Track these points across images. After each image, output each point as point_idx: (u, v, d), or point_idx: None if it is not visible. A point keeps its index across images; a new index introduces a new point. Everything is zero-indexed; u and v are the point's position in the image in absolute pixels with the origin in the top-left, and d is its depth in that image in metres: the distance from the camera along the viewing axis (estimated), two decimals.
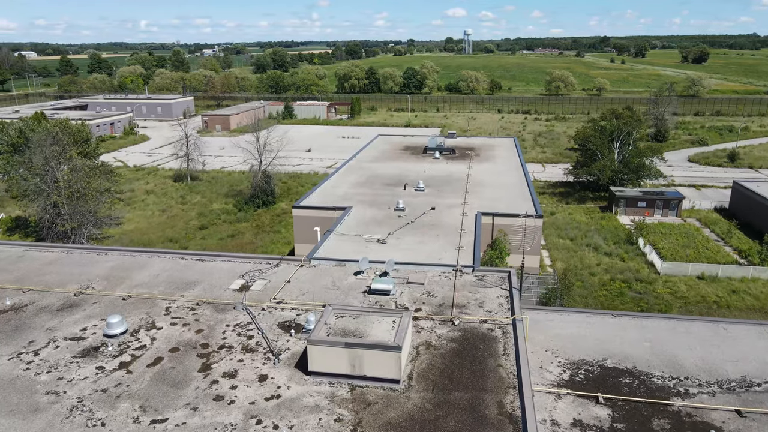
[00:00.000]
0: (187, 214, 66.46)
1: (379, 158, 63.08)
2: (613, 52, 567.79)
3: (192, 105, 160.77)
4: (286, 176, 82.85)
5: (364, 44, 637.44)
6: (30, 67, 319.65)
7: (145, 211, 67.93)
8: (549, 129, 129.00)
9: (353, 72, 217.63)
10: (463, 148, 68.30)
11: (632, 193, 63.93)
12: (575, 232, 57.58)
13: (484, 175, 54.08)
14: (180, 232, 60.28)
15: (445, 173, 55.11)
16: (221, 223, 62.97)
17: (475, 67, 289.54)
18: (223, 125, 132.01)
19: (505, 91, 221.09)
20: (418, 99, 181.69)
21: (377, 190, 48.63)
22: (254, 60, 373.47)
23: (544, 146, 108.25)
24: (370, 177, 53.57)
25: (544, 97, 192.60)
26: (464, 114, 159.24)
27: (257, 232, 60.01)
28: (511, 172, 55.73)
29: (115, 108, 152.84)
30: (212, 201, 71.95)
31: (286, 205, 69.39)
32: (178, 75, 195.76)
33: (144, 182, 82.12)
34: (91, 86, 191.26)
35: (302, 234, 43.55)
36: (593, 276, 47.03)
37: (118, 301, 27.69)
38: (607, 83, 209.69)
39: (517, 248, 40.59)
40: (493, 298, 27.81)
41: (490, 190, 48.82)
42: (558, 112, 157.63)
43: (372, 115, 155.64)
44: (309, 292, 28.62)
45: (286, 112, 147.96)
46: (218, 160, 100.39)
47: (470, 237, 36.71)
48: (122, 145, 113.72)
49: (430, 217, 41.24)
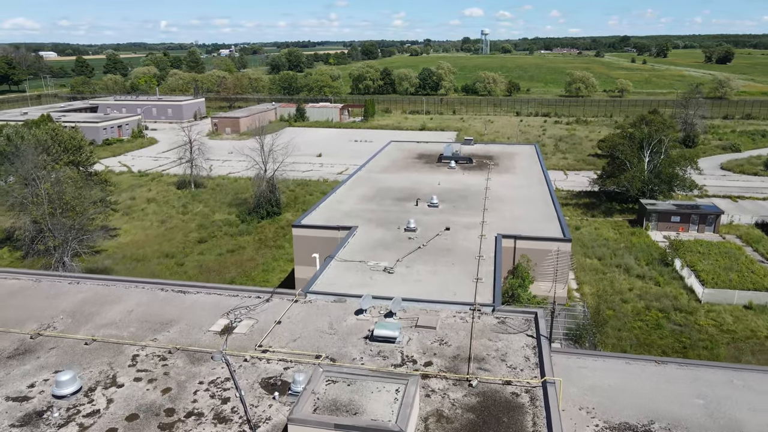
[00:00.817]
0: (187, 226, 62.86)
1: (390, 168, 58.87)
2: (633, 52, 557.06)
3: (203, 107, 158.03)
4: (294, 183, 79.06)
5: (381, 44, 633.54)
6: (47, 68, 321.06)
7: (144, 221, 64.48)
8: (570, 133, 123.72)
9: (368, 73, 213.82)
10: (480, 157, 63.83)
11: (665, 206, 58.95)
12: (603, 250, 52.82)
13: (504, 189, 49.59)
14: (178, 245, 56.65)
15: (461, 186, 50.72)
16: (222, 236, 59.24)
17: (492, 68, 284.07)
18: (233, 128, 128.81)
19: (524, 93, 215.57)
20: (434, 101, 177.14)
21: (386, 206, 44.43)
22: (269, 60, 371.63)
23: (565, 152, 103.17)
24: (379, 190, 49.39)
25: (564, 99, 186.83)
26: (481, 117, 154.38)
27: (259, 247, 56.15)
28: (533, 185, 51.16)
29: (125, 110, 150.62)
30: (215, 211, 68.32)
31: (291, 216, 65.49)
32: (190, 76, 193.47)
33: (146, 189, 78.83)
34: (104, 87, 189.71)
35: (303, 255, 39.54)
36: (626, 303, 42.33)
37: (79, 347, 23.84)
38: (629, 84, 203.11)
39: (541, 275, 36.16)
40: (518, 349, 23.46)
41: (511, 206, 44.34)
42: (579, 114, 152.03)
43: (386, 117, 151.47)
44: (301, 336, 24.54)
45: (298, 115, 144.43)
46: (225, 165, 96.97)
47: (489, 265, 32.34)
48: (129, 149, 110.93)
49: (444, 239, 36.95)
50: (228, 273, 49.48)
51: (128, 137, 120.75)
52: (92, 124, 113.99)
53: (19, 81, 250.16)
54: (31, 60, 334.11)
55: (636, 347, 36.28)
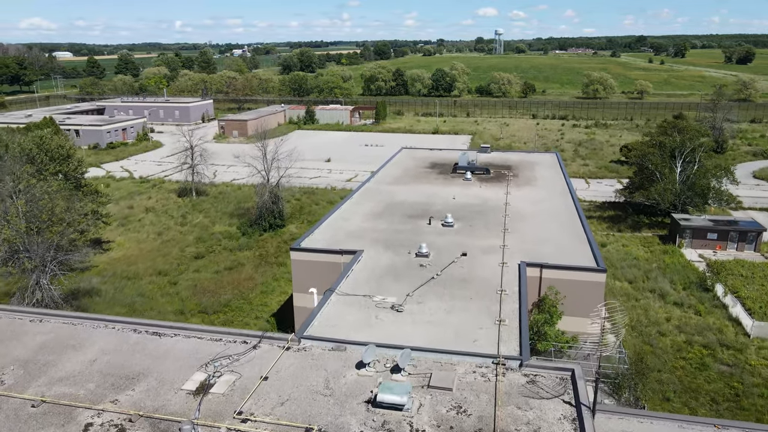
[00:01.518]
0: (184, 239, 59.12)
1: (401, 179, 54.68)
2: (649, 52, 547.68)
3: (211, 108, 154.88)
4: (300, 191, 75.15)
5: (393, 44, 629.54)
6: (60, 68, 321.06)
7: (140, 233, 60.87)
8: (590, 137, 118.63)
9: (380, 73, 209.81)
10: (498, 167, 59.41)
11: (700, 222, 54.13)
12: (634, 271, 48.20)
13: (525, 204, 45.19)
14: (173, 261, 52.89)
15: (479, 201, 46.39)
16: (220, 251, 55.39)
17: (506, 68, 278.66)
18: (240, 131, 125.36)
19: (539, 94, 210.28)
20: (447, 103, 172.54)
21: (396, 225, 40.25)
22: (281, 61, 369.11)
23: (585, 158, 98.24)
24: (389, 205, 45.23)
25: (582, 101, 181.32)
26: (496, 119, 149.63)
27: (259, 264, 52.21)
28: (556, 199, 46.69)
29: (132, 112, 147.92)
30: (215, 222, 64.56)
31: (296, 229, 61.56)
32: (199, 76, 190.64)
33: (146, 197, 75.34)
34: (113, 88, 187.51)
35: (303, 282, 35.52)
36: (664, 337, 37.78)
37: (25, 411, 19.94)
38: (649, 86, 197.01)
39: (571, 310, 31.79)
40: (553, 422, 19.16)
41: (534, 225, 39.95)
42: (598, 117, 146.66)
43: (398, 120, 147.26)
44: (291, 399, 20.43)
45: (308, 117, 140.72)
46: (231, 170, 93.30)
47: (513, 302, 28.06)
48: (133, 153, 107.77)
49: (461, 267, 32.70)
50: (224, 294, 45.59)
51: (133, 140, 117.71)
52: (96, 127, 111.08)
53: (30, 82, 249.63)
54: (43, 60, 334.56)
55: (680, 393, 31.76)
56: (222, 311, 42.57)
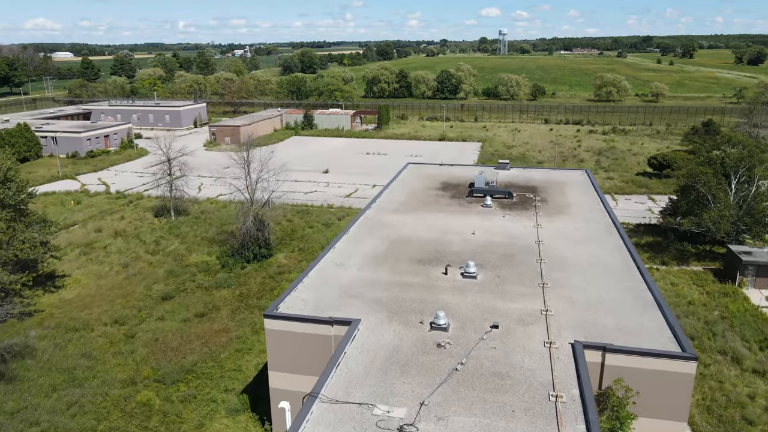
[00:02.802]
0: (154, 272, 50.55)
1: (408, 205, 46.01)
2: (656, 53, 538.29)
3: (204, 112, 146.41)
4: (292, 211, 66.63)
5: (396, 44, 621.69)
6: (55, 69, 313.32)
7: (103, 265, 52.30)
8: (609, 145, 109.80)
9: (383, 75, 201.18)
10: (521, 188, 50.70)
11: (766, 257, 45.39)
12: (692, 322, 39.46)
13: (563, 243, 36.49)
14: (135, 304, 44.33)
15: (505, 238, 37.70)
16: (194, 290, 46.79)
17: (511, 69, 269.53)
18: (233, 137, 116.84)
19: (549, 97, 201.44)
20: (454, 106, 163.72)
21: (403, 275, 31.61)
22: (281, 61, 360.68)
23: (609, 170, 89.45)
24: (394, 244, 36.59)
25: (594, 105, 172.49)
26: (506, 124, 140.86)
27: (238, 307, 43.58)
28: (601, 235, 37.98)
29: (120, 116, 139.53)
30: (192, 249, 56.01)
31: (285, 259, 53.00)
32: (192, 78, 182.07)
33: (118, 217, 66.84)
34: (103, 90, 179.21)
35: (281, 358, 26.96)
36: (753, 428, 29.05)
37: None
38: (664, 88, 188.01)
39: (646, 409, 23.15)
40: None
41: (580, 277, 31.24)
42: (614, 122, 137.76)
43: (402, 125, 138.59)
44: None
45: (306, 122, 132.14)
46: (218, 183, 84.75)
47: (575, 420, 19.42)
48: (114, 162, 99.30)
49: (493, 349, 24.09)
50: (190, 353, 36.98)
51: (116, 148, 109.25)
52: (74, 134, 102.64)
53: (21, 83, 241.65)
54: (38, 61, 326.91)
55: None
56: (184, 380, 33.94)
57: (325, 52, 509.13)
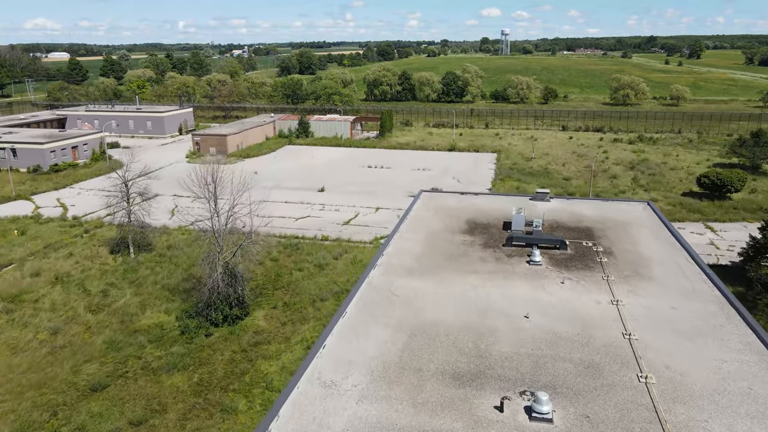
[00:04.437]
0: (90, 343, 38.79)
1: (427, 260, 34.10)
2: (660, 53, 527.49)
3: (191, 118, 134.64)
4: (279, 245, 54.85)
5: (397, 45, 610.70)
6: (43, 70, 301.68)
7: (26, 330, 40.54)
8: (640, 157, 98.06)
9: (384, 77, 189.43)
10: (572, 231, 38.76)
11: None
12: None
13: (664, 337, 24.47)
14: (52, 399, 32.59)
15: (574, 326, 25.74)
16: (138, 372, 35.05)
17: (516, 70, 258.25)
18: (219, 148, 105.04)
19: (561, 100, 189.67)
20: (463, 112, 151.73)
21: (431, 414, 19.63)
22: (279, 62, 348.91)
23: (648, 188, 77.70)
24: (411, 338, 24.64)
25: (611, 109, 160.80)
26: (519, 131, 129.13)
27: (193, 407, 31.79)
28: (716, 321, 26.01)
29: (98, 122, 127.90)
30: (147, 303, 44.26)
31: (265, 322, 41.27)
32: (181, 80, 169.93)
33: (66, 254, 55.09)
34: (84, 94, 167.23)
35: None
36: None
37: None
38: (686, 91, 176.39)
39: None
40: None
41: (716, 413, 19.37)
42: (638, 129, 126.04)
43: (406, 132, 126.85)
44: None
45: (301, 129, 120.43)
46: (196, 205, 73.10)
47: None
48: (81, 178, 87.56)
49: None
50: None
51: (86, 160, 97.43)
52: (36, 145, 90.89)
53: (2, 85, 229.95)
54: (26, 61, 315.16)
55: None
56: None
57: (324, 52, 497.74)
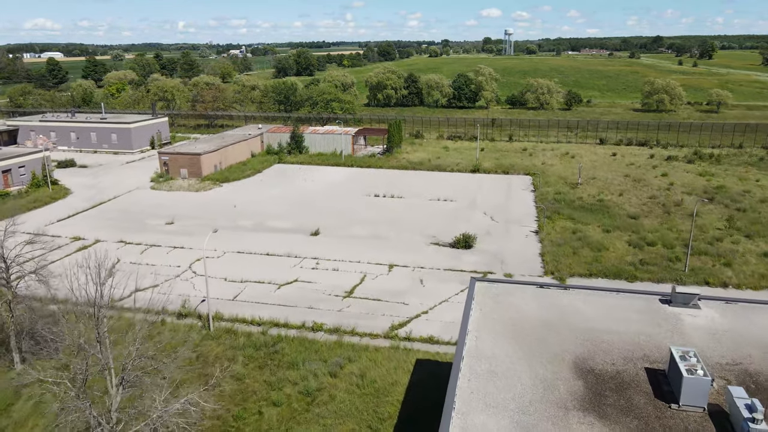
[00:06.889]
0: None
1: None
2: (667, 53, 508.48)
3: (166, 129, 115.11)
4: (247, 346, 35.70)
5: (397, 45, 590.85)
6: (23, 71, 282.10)
7: None
8: (709, 182, 79.00)
9: (389, 79, 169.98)
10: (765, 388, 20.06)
11: None
12: None
13: None
14: None
15: None
16: None
17: (524, 71, 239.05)
18: (191, 169, 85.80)
19: (584, 105, 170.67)
20: (483, 122, 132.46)
21: None
22: (275, 62, 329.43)
23: (749, 234, 58.65)
24: None
25: (645, 116, 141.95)
26: (549, 144, 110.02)
27: None
28: None
29: (54, 134, 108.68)
30: None
31: None
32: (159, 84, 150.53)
33: None
34: (49, 99, 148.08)
35: None
36: None
37: None
38: (728, 96, 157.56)
39: None
40: None
41: None
42: (690, 143, 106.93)
43: (417, 147, 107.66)
44: None
45: (293, 144, 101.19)
46: (156, 252, 54.22)
47: None
48: (9, 212, 68.43)
49: None
50: None
51: (24, 187, 78.32)
52: None
53: None
54: (5, 61, 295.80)
55: None
56: None
57: (324, 52, 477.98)
